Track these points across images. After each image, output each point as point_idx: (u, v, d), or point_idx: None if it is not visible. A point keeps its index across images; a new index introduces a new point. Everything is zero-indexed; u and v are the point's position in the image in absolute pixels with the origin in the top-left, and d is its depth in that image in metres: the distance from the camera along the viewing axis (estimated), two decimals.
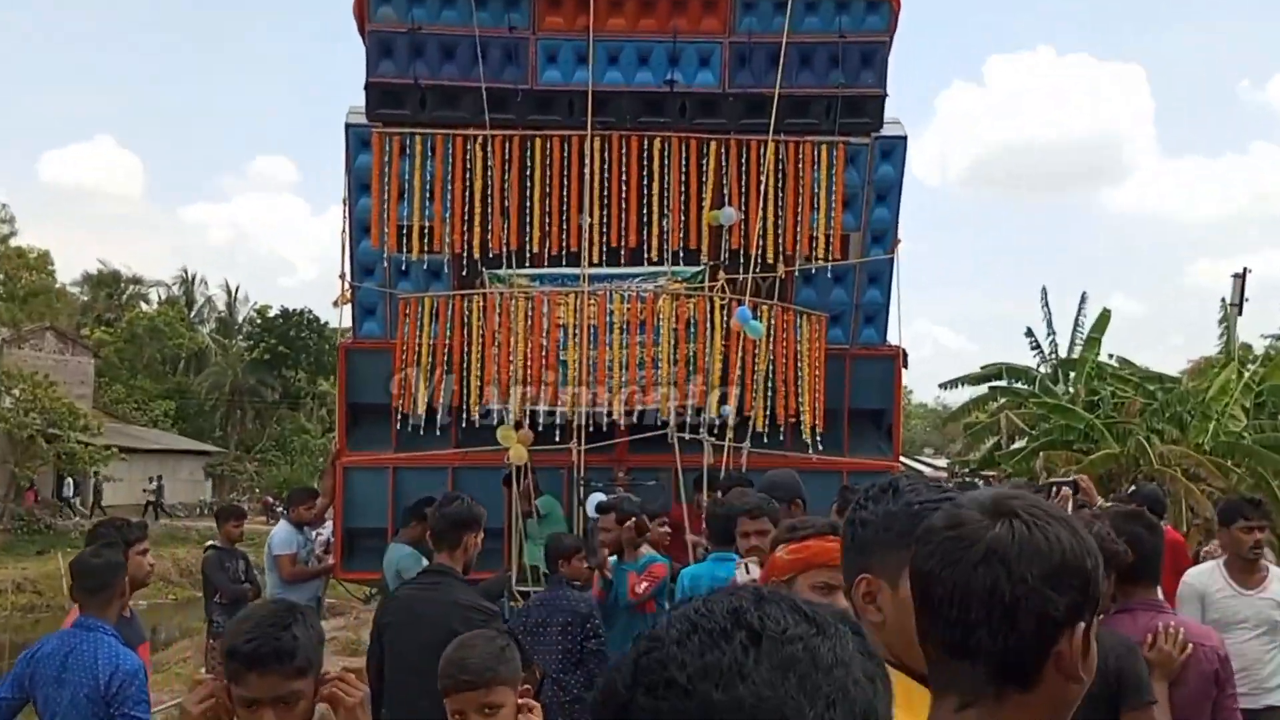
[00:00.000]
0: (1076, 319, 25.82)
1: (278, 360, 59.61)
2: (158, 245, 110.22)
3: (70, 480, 46.82)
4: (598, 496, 9.44)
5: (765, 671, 1.11)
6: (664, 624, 1.18)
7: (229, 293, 67.28)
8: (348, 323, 11.08)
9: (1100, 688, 2.71)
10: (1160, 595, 4.81)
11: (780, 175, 10.48)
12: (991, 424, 25.34)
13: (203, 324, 67.07)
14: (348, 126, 10.48)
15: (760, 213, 10.36)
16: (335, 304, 10.86)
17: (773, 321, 10.39)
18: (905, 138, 10.60)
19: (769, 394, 10.41)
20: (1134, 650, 4.00)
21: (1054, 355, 26.05)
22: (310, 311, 61.42)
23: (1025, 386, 25.47)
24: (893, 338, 11.15)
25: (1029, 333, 26.05)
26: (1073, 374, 25.08)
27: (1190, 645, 4.33)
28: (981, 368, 25.73)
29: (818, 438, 10.49)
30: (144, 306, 65.10)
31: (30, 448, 41.04)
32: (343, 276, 10.76)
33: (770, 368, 10.43)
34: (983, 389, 26.80)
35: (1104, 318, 24.76)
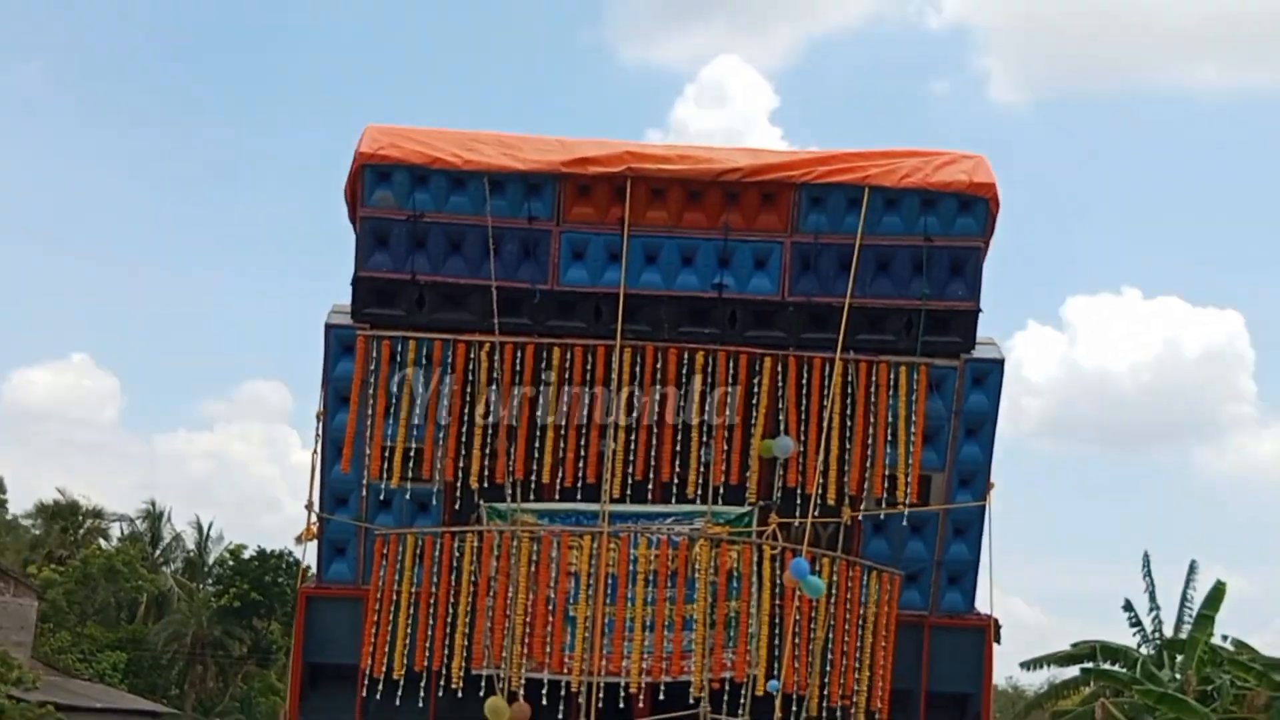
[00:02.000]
0: (1184, 593, 24.72)
1: (249, 608, 58.25)
2: (128, 476, 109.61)
3: None
4: None
5: None
6: None
7: (200, 530, 66.39)
8: (314, 563, 10.26)
9: None
10: None
11: (849, 400, 9.79)
12: (1085, 713, 23.96)
13: (167, 565, 66.08)
14: (328, 328, 9.90)
15: (822, 444, 9.62)
16: (298, 539, 10.08)
17: (835, 578, 9.55)
18: (1002, 361, 9.93)
19: (827, 669, 9.49)
20: None
21: (1157, 634, 24.84)
22: (290, 554, 60.40)
23: (1124, 670, 24.16)
24: (982, 604, 10.27)
25: (1128, 606, 24.92)
26: (1180, 657, 23.82)
27: None
28: (1073, 645, 24.43)
29: None
30: (102, 543, 64.31)
31: None
32: (309, 506, 10.01)
33: (829, 635, 9.52)
34: (1070, 671, 25.51)
35: (1218, 592, 23.59)
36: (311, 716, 9.92)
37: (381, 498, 9.86)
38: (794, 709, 9.30)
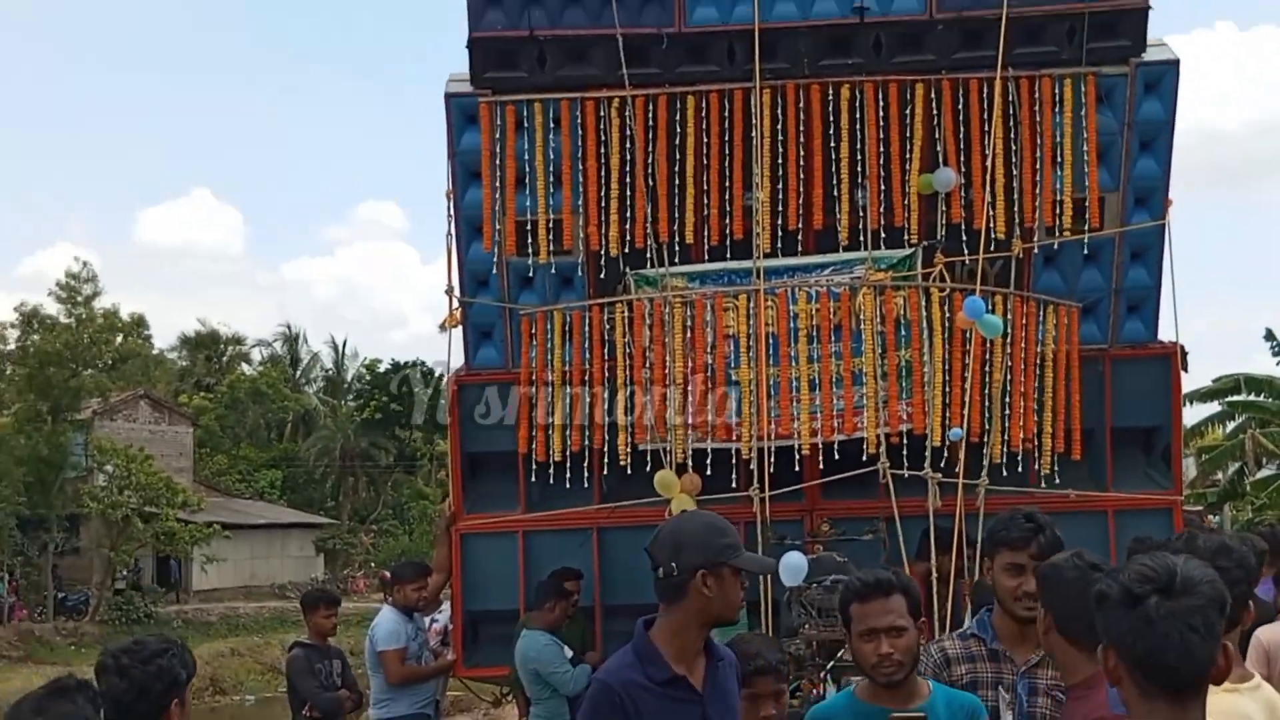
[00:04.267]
0: None
1: (391, 419, 59.08)
2: (260, 304, 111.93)
3: (174, 561, 46.62)
4: (794, 557, 7.73)
5: None
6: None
7: (336, 349, 67.25)
8: (459, 351, 9.54)
9: None
10: None
11: (1012, 123, 8.70)
12: (1233, 447, 23.07)
13: (309, 384, 67.11)
14: (448, 97, 8.97)
15: (987, 174, 8.59)
16: (442, 326, 9.33)
17: (1009, 316, 8.63)
18: (1177, 62, 8.74)
19: (1006, 413, 8.64)
20: None
21: None
22: (423, 364, 60.85)
23: (1271, 401, 23.13)
24: (1165, 332, 9.28)
25: (1269, 335, 23.70)
26: None
27: None
28: (1214, 380, 23.39)
29: (1062, 469, 8.76)
30: (245, 369, 65.37)
31: (126, 528, 40.74)
32: (450, 291, 9.23)
33: (1008, 377, 8.65)
34: (1214, 406, 24.53)
35: None
36: (477, 506, 9.31)
37: (525, 275, 9.04)
38: (978, 459, 8.51)
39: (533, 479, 8.96)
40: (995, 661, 4.51)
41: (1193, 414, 25.56)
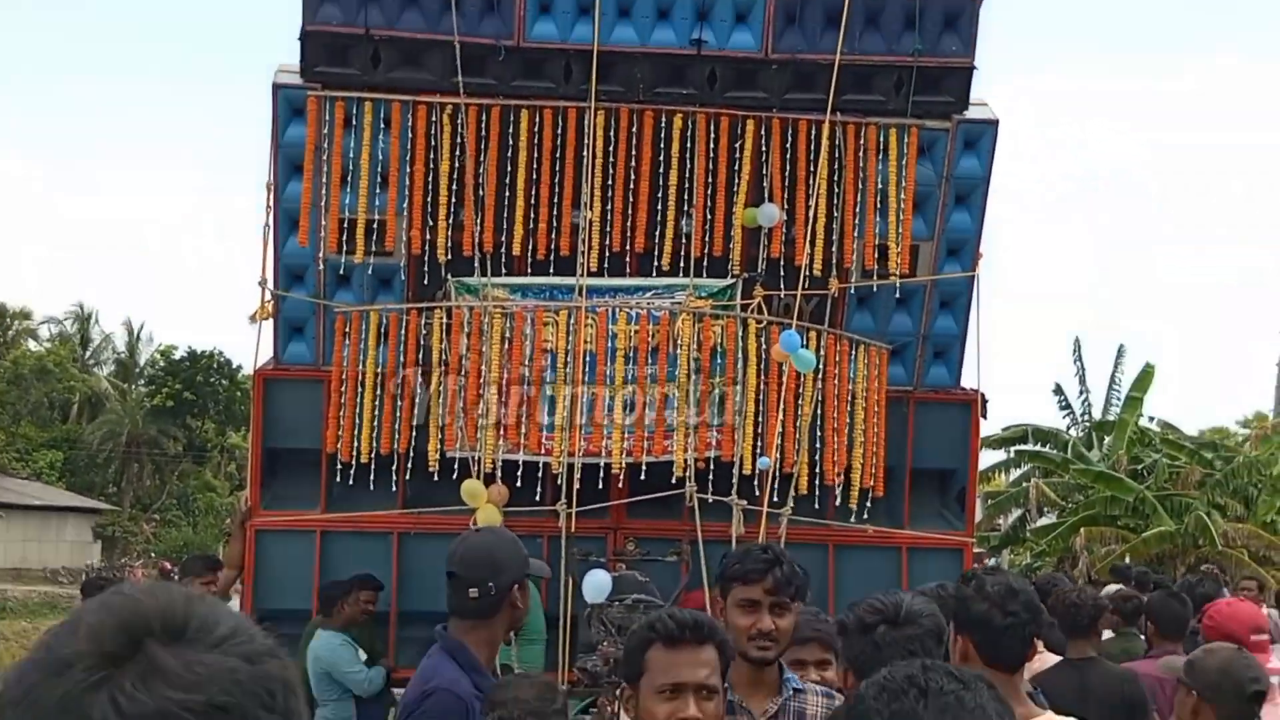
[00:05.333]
0: (1113, 375, 24.58)
1: (183, 408, 57.46)
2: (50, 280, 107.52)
3: None
4: (598, 575, 7.79)
5: (933, 714, 1.83)
6: (863, 686, 1.97)
7: (130, 332, 65.07)
8: (267, 345, 9.36)
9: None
10: None
11: (836, 165, 8.93)
12: (1017, 494, 23.96)
13: (98, 366, 64.82)
14: (276, 88, 8.82)
15: (810, 213, 8.80)
16: (252, 319, 9.14)
17: (822, 352, 8.84)
18: (996, 122, 9.08)
19: (815, 446, 8.85)
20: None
21: (1086, 417, 24.76)
22: (221, 354, 59.34)
23: (1055, 452, 24.09)
24: (968, 379, 9.62)
25: (1058, 390, 24.77)
26: (1108, 439, 23.75)
27: None
28: (1004, 429, 24.26)
29: (866, 503, 8.98)
30: (32, 344, 62.87)
31: None
32: (263, 284, 9.06)
33: (818, 412, 8.86)
34: (1002, 454, 25.45)
35: (1146, 375, 23.43)
36: (275, 503, 9.14)
37: (341, 273, 8.92)
38: (779, 486, 8.68)
39: (336, 479, 8.84)
40: (730, 715, 3.63)
41: (983, 459, 26.49)
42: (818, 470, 8.83)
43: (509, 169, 8.83)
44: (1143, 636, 7.79)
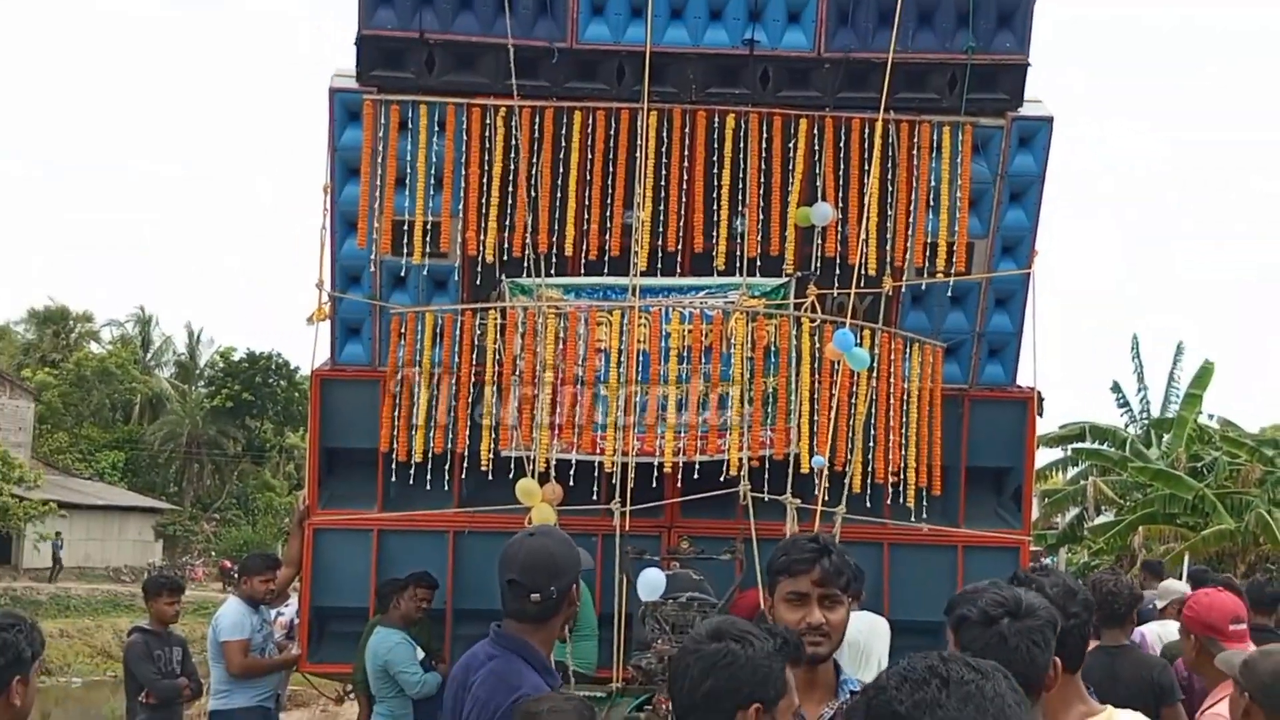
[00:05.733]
0: (1171, 373, 24.33)
1: (242, 409, 58.13)
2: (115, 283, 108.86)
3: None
4: (652, 573, 7.81)
5: (955, 703, 1.92)
6: (883, 677, 2.03)
7: (190, 334, 65.82)
8: (325, 346, 9.46)
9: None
10: None
11: (890, 164, 8.91)
12: (1075, 492, 23.76)
13: (159, 368, 65.63)
14: (332, 92, 8.90)
15: (863, 212, 8.79)
16: (310, 320, 9.23)
17: (876, 351, 8.82)
18: (1051, 119, 9.02)
19: (869, 445, 8.84)
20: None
21: (1145, 415, 24.52)
22: (279, 355, 59.92)
23: (1113, 450, 23.88)
24: (1024, 377, 9.58)
25: (1115, 388, 24.55)
26: (1167, 436, 23.52)
27: None
28: (1061, 427, 24.07)
29: (924, 503, 8.95)
30: (94, 347, 63.76)
31: None
32: (320, 285, 9.15)
33: (872, 410, 8.85)
34: (1059, 452, 25.28)
35: (1206, 372, 23.19)
36: (332, 502, 9.24)
37: (398, 275, 8.99)
38: (831, 485, 8.67)
39: (392, 478, 8.92)
40: None
41: (1039, 458, 26.30)
42: (871, 469, 8.80)
43: (562, 170, 8.86)
44: None
